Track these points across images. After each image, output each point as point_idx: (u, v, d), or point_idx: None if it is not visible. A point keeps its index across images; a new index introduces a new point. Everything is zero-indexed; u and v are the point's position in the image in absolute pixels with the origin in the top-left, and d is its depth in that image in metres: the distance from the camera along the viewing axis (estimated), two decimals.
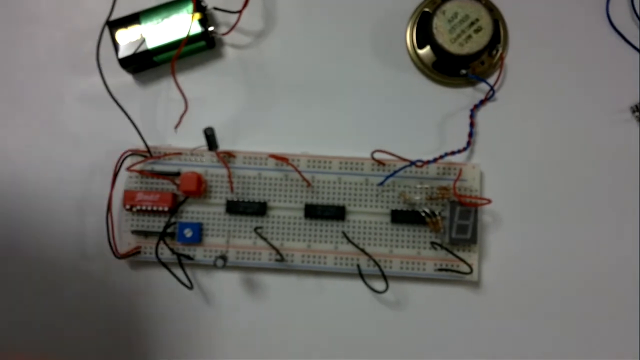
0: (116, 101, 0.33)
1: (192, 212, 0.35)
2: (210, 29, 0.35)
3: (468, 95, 0.36)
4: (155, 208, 0.34)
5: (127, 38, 0.35)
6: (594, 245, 0.35)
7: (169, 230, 0.34)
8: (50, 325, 0.36)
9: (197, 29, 0.35)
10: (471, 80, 0.36)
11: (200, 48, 0.36)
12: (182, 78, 0.36)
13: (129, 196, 0.35)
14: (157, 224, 0.35)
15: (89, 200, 0.36)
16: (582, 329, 0.34)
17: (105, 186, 0.34)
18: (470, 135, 0.35)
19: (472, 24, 0.34)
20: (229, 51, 0.37)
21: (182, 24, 0.35)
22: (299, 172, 0.34)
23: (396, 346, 0.35)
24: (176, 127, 0.35)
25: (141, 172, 0.35)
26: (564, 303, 0.35)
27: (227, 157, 0.35)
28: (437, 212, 0.34)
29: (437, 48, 0.35)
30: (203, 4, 0.36)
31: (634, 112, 0.35)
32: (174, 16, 0.35)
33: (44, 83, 0.37)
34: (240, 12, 0.35)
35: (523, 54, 0.36)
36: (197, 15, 0.35)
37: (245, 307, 0.35)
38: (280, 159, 0.34)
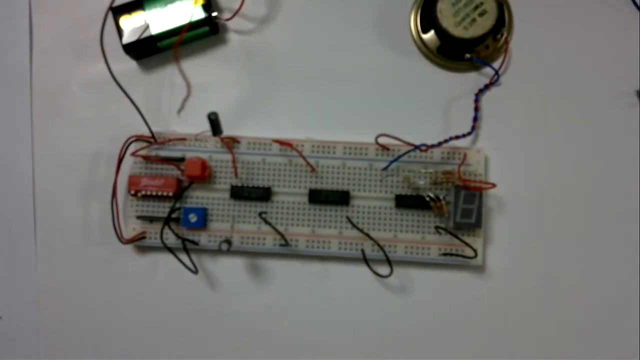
0: (121, 87, 0.34)
1: (197, 197, 0.35)
2: (214, 14, 0.35)
3: (473, 79, 0.36)
4: (160, 193, 0.35)
5: (131, 24, 0.35)
6: (599, 228, 0.35)
7: (173, 215, 0.35)
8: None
9: (200, 14, 0.35)
10: (476, 65, 0.36)
11: (204, 34, 0.36)
12: (186, 64, 0.36)
13: (133, 181, 0.35)
14: (162, 209, 0.35)
15: (94, 186, 0.36)
16: (585, 312, 0.34)
17: (110, 172, 0.35)
18: (475, 119, 0.35)
19: (477, 7, 0.34)
20: (232, 37, 0.37)
21: (186, 10, 0.35)
22: (304, 157, 0.34)
23: (400, 330, 0.35)
24: (179, 111, 0.35)
25: (146, 158, 0.35)
26: (567, 286, 0.34)
27: (232, 143, 0.35)
28: (441, 197, 0.34)
29: (441, 32, 0.35)
30: None
31: (639, 95, 0.35)
32: (177, 2, 0.35)
33: (50, 70, 0.37)
34: None
35: (528, 37, 0.36)
36: (201, 1, 0.35)
37: (250, 292, 0.35)
38: (285, 144, 0.34)
